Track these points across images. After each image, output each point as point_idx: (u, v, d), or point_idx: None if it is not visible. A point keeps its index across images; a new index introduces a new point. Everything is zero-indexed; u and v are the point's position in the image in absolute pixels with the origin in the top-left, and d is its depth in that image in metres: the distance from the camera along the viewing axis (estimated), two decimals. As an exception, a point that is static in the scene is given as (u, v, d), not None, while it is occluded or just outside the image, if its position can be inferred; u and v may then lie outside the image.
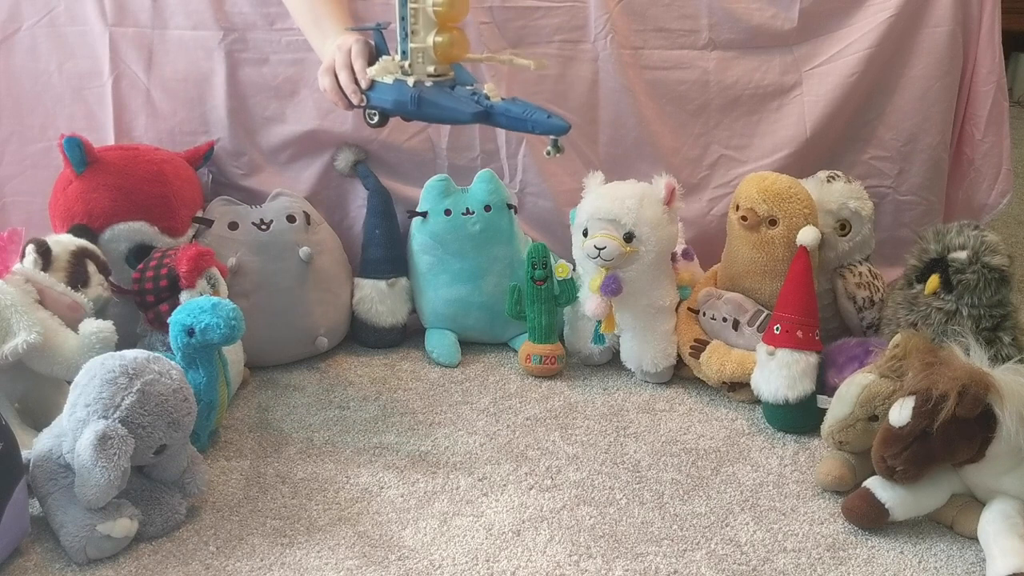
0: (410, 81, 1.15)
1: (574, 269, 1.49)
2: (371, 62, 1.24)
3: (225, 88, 1.53)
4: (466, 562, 1.07)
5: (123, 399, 1.04)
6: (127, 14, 1.53)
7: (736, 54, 1.59)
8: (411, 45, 1.14)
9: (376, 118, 1.18)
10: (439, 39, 1.13)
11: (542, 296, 1.47)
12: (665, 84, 1.59)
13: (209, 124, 1.55)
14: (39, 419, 1.23)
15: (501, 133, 1.59)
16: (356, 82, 1.22)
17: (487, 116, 1.12)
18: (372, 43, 1.25)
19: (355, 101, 1.20)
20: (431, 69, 1.14)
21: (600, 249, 1.38)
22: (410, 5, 1.14)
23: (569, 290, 1.48)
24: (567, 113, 1.50)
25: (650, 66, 1.58)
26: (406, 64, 1.15)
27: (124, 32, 1.53)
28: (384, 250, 1.56)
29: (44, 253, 1.24)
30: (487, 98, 1.11)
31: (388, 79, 1.16)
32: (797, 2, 1.57)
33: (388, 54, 1.22)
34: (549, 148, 1.10)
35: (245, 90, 1.54)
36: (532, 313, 1.48)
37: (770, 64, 1.59)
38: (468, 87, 1.13)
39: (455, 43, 1.13)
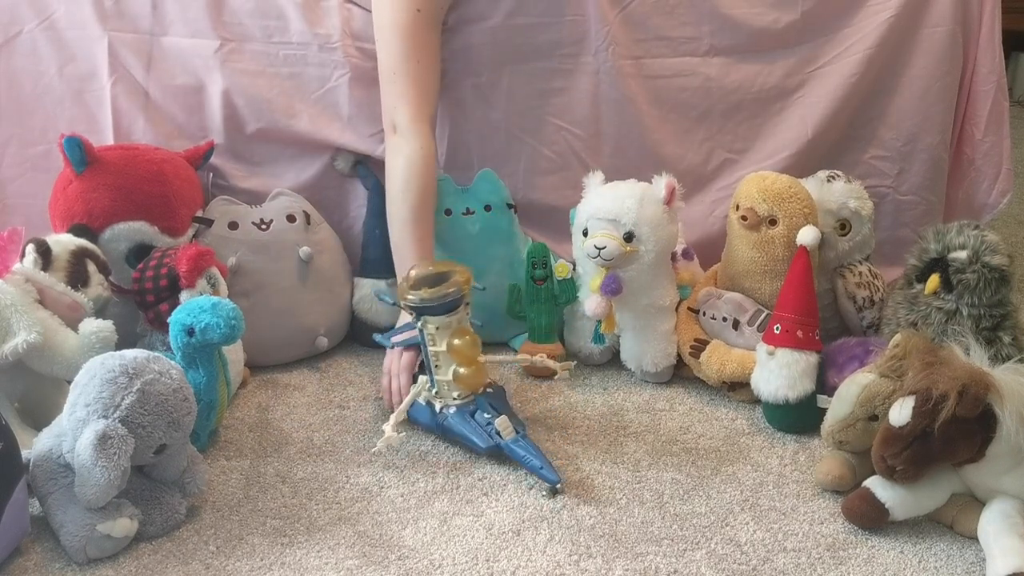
0: (437, 406, 1.29)
1: (574, 269, 1.48)
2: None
3: (221, 96, 1.53)
4: (466, 562, 1.07)
5: (123, 399, 1.04)
6: (126, 19, 1.54)
7: (738, 59, 1.59)
8: (436, 377, 1.29)
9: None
10: (461, 372, 1.27)
11: (542, 296, 1.47)
12: (667, 92, 1.59)
13: (207, 129, 1.55)
14: (39, 419, 1.23)
15: (501, 151, 1.59)
16: (399, 392, 1.34)
17: (497, 448, 1.23)
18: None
19: (393, 405, 1.32)
20: (455, 395, 1.28)
21: (600, 249, 1.38)
22: (430, 348, 1.27)
23: (568, 290, 1.48)
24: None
25: (652, 75, 1.58)
26: (434, 392, 1.30)
27: (123, 37, 1.53)
28: (384, 250, 1.55)
29: (44, 253, 1.24)
30: (499, 434, 1.22)
31: (421, 400, 1.31)
32: (798, 5, 1.57)
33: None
34: (545, 492, 1.19)
35: (241, 99, 1.54)
36: (532, 313, 1.48)
37: (772, 67, 1.59)
38: (487, 415, 1.25)
39: (474, 375, 1.27)
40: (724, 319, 1.42)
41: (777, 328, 1.31)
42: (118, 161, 1.40)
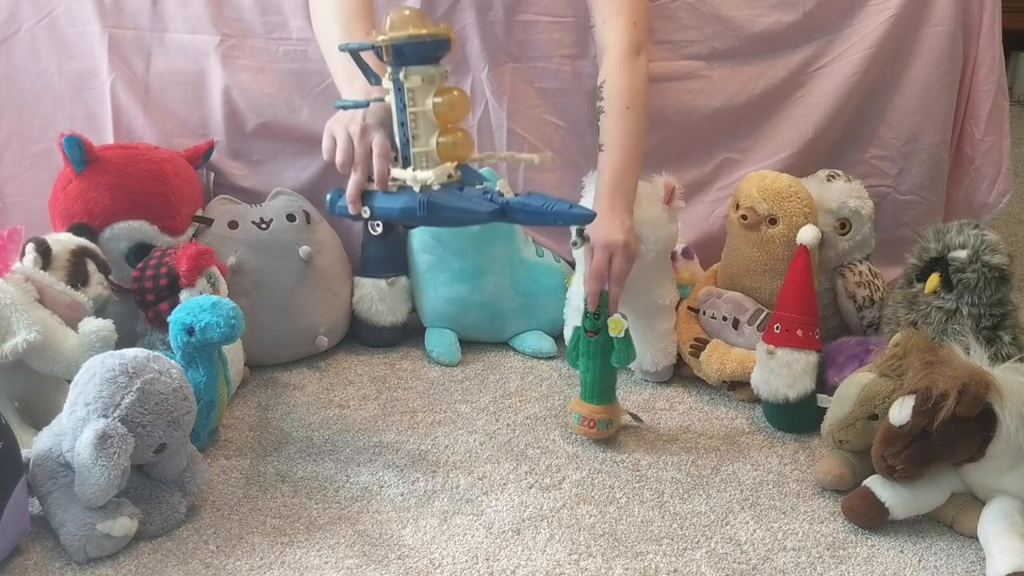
0: (416, 187, 1.08)
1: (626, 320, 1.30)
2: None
3: (222, 92, 1.53)
4: (466, 561, 1.07)
5: (123, 398, 1.04)
6: (126, 16, 1.53)
7: (740, 61, 1.58)
8: (414, 150, 1.09)
9: (380, 228, 1.14)
10: (443, 139, 1.09)
11: (591, 350, 1.27)
12: (670, 95, 1.58)
13: (207, 126, 1.55)
14: (39, 418, 1.23)
15: (499, 148, 1.58)
16: (366, 183, 1.13)
17: (503, 214, 1.06)
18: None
19: (352, 212, 1.13)
20: (434, 176, 1.08)
21: (600, 248, 1.38)
22: (409, 109, 1.09)
23: (622, 349, 1.26)
24: (565, 118, 1.45)
25: (654, 78, 1.57)
26: (409, 171, 1.09)
27: (123, 34, 1.53)
28: (384, 249, 1.56)
29: (44, 252, 1.24)
30: (500, 195, 1.05)
31: (392, 187, 1.11)
32: (799, 6, 1.57)
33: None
34: (575, 239, 1.05)
35: (242, 95, 1.54)
36: (582, 367, 1.29)
37: (774, 68, 1.59)
38: (478, 187, 1.08)
39: (459, 144, 1.10)
40: (724, 318, 1.42)
41: (777, 327, 1.31)
42: (118, 160, 1.39)
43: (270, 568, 1.05)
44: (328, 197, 1.16)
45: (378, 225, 1.10)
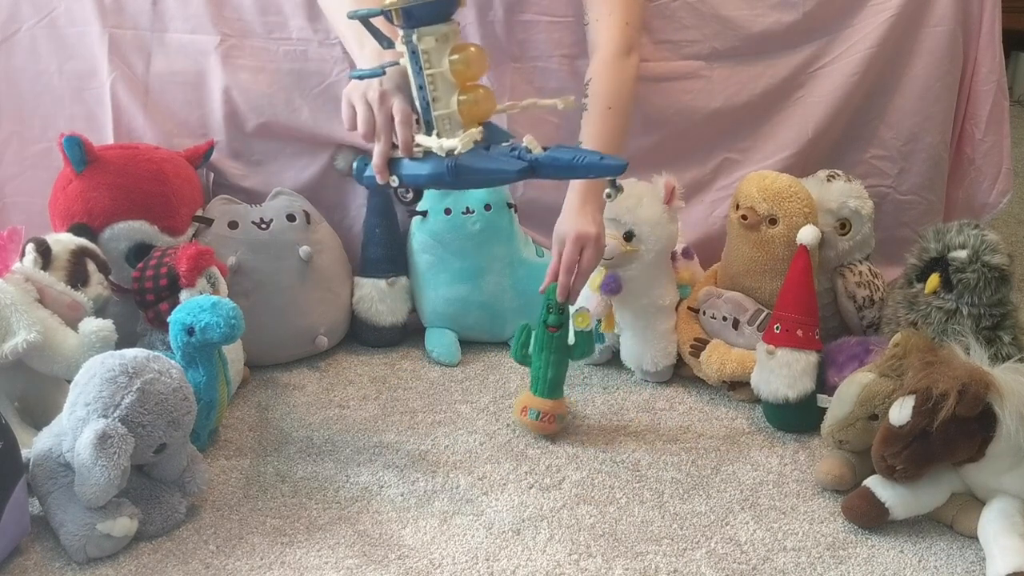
0: (443, 154, 1.05)
1: (598, 322, 1.34)
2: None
3: (222, 92, 1.53)
4: (466, 561, 1.07)
5: (123, 398, 1.04)
6: (126, 16, 1.53)
7: (740, 61, 1.58)
8: (435, 113, 1.05)
9: (410, 194, 1.11)
10: (463, 98, 1.05)
11: (553, 345, 1.29)
12: (670, 95, 1.58)
13: (207, 126, 1.55)
14: (39, 418, 1.23)
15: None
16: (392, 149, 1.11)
17: (533, 170, 1.03)
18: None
19: (380, 181, 1.10)
20: (458, 138, 1.05)
21: (600, 248, 1.38)
22: (426, 72, 1.04)
23: (585, 343, 1.31)
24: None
25: (653, 78, 1.57)
26: (433, 136, 1.06)
27: (123, 34, 1.53)
28: (384, 249, 1.56)
29: (44, 252, 1.24)
30: (528, 151, 1.02)
31: (418, 152, 1.08)
32: (799, 6, 1.57)
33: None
34: (609, 191, 1.03)
35: (242, 95, 1.53)
36: (539, 362, 1.30)
37: (774, 69, 1.59)
38: (505, 144, 1.05)
39: (480, 100, 1.06)
40: (724, 318, 1.42)
41: (777, 327, 1.31)
42: (118, 160, 1.39)
43: (270, 568, 1.05)
44: (355, 166, 1.16)
45: (408, 192, 1.09)
